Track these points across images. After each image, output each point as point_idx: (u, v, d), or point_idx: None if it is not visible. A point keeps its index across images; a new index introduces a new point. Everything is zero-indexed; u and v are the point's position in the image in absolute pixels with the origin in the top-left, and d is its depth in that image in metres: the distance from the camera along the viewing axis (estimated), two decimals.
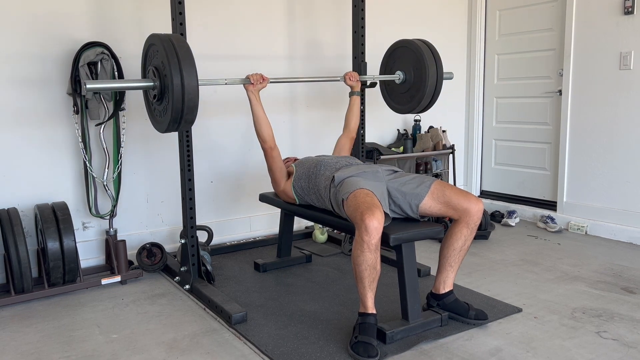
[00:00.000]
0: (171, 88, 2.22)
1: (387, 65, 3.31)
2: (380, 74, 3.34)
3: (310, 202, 2.70)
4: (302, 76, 3.86)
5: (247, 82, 2.71)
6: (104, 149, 3.14)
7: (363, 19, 3.39)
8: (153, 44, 2.36)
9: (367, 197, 2.19)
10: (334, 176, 2.46)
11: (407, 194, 2.38)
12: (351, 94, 3.17)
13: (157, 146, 3.39)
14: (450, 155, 4.52)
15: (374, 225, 2.06)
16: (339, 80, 3.18)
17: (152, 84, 2.36)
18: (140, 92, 3.23)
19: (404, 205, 2.39)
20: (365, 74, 3.42)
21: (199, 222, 3.07)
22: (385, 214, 2.19)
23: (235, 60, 3.62)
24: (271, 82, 2.77)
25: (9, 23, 2.89)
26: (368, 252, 2.09)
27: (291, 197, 2.78)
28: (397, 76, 3.22)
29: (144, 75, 2.51)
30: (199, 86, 2.28)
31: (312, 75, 3.87)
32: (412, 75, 3.14)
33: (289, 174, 2.82)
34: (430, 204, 2.36)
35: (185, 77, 2.21)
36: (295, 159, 3.04)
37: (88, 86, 2.30)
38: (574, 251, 3.51)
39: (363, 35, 3.41)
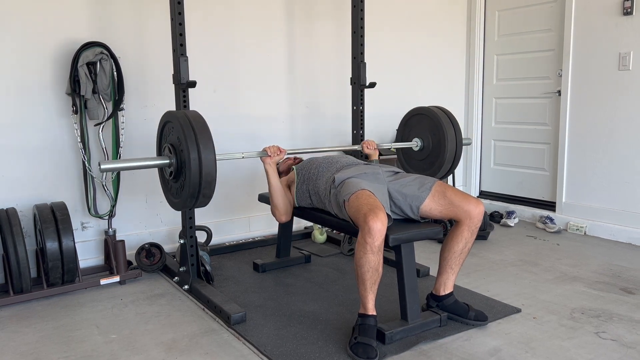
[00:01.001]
0: (188, 163, 2.19)
1: (404, 133, 3.28)
2: (396, 142, 3.30)
3: (311, 205, 2.69)
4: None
5: (264, 154, 2.66)
6: (103, 149, 3.13)
7: (362, 19, 3.38)
8: (169, 121, 2.36)
9: (369, 199, 2.18)
10: (334, 177, 2.46)
11: (408, 195, 2.38)
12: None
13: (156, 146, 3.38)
14: None
15: (378, 227, 2.06)
16: (357, 149, 3.15)
17: (168, 161, 2.34)
18: (139, 82, 3.25)
19: (405, 207, 2.39)
20: (365, 75, 3.42)
21: (198, 222, 3.06)
22: (387, 215, 2.19)
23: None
24: (289, 154, 2.75)
25: (8, 23, 2.88)
26: (371, 254, 2.09)
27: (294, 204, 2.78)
28: (415, 143, 3.19)
29: (160, 153, 2.49)
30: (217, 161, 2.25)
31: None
32: (430, 141, 3.11)
33: (290, 180, 2.81)
34: (431, 206, 2.36)
35: (202, 150, 2.19)
36: (296, 158, 3.04)
37: (102, 167, 2.25)
38: (573, 251, 3.51)
39: (362, 36, 3.40)
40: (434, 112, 3.07)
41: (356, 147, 3.15)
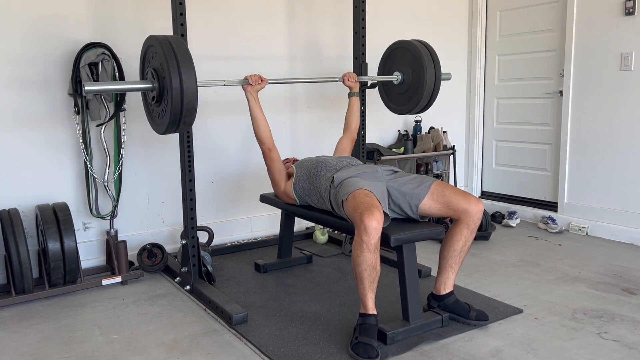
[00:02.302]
0: (170, 90, 2.22)
1: (385, 66, 3.31)
2: (378, 75, 3.34)
3: (311, 203, 2.70)
4: (302, 76, 3.86)
5: (246, 83, 2.70)
6: (104, 149, 3.14)
7: (364, 19, 3.39)
8: (151, 45, 2.37)
9: (366, 198, 2.19)
10: (333, 177, 2.46)
11: (407, 193, 2.38)
12: (350, 95, 3.15)
13: (157, 147, 3.39)
14: (451, 156, 4.52)
15: (373, 226, 2.06)
16: (337, 81, 3.17)
17: (150, 85, 2.36)
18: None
19: (404, 205, 2.39)
20: (366, 75, 3.42)
21: (199, 222, 3.07)
22: (385, 214, 2.19)
23: (235, 61, 3.62)
24: (270, 83, 2.78)
25: (10, 24, 2.89)
26: (367, 253, 2.09)
27: (292, 198, 2.78)
28: (395, 77, 3.22)
29: (142, 77, 2.51)
30: (198, 87, 2.28)
31: (311, 76, 3.88)
32: (410, 76, 3.14)
33: (289, 175, 2.82)
34: (430, 205, 2.36)
35: (184, 79, 2.22)
36: (295, 160, 3.04)
37: (87, 88, 2.32)
38: (575, 252, 3.51)
39: (364, 36, 3.40)
40: (415, 46, 3.08)
41: (336, 79, 3.17)
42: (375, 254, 2.11)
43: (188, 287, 2.85)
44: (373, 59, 3.56)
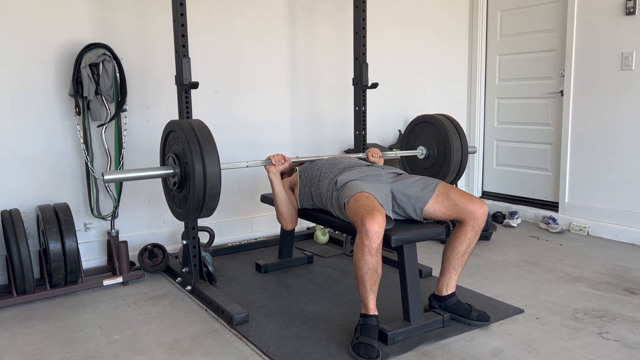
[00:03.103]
0: (192, 175, 2.16)
1: (409, 140, 3.28)
2: (401, 149, 3.29)
3: (313, 206, 2.69)
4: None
5: (269, 163, 2.65)
6: (105, 149, 3.14)
7: (364, 19, 3.38)
8: (173, 130, 2.33)
9: (367, 201, 2.18)
10: (337, 179, 2.46)
11: (412, 197, 2.37)
12: None
13: (158, 147, 3.38)
14: None
15: (375, 229, 2.06)
16: (361, 158, 3.15)
17: (172, 171, 2.31)
18: (141, 83, 3.26)
19: (408, 209, 2.38)
20: (367, 75, 3.42)
21: (200, 223, 3.07)
22: (388, 217, 2.19)
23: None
24: (293, 162, 2.74)
25: (11, 24, 2.89)
26: (369, 256, 2.09)
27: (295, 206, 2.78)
28: (420, 151, 3.18)
29: (163, 163, 2.46)
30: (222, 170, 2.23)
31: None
32: (436, 150, 3.11)
33: (293, 182, 2.80)
34: (434, 207, 2.36)
35: (207, 163, 2.16)
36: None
37: (106, 177, 2.23)
38: (576, 252, 3.51)
39: (364, 36, 3.40)
40: (440, 121, 3.07)
41: (361, 155, 3.15)
42: (377, 257, 2.11)
43: (189, 287, 2.85)
44: (374, 59, 3.56)
